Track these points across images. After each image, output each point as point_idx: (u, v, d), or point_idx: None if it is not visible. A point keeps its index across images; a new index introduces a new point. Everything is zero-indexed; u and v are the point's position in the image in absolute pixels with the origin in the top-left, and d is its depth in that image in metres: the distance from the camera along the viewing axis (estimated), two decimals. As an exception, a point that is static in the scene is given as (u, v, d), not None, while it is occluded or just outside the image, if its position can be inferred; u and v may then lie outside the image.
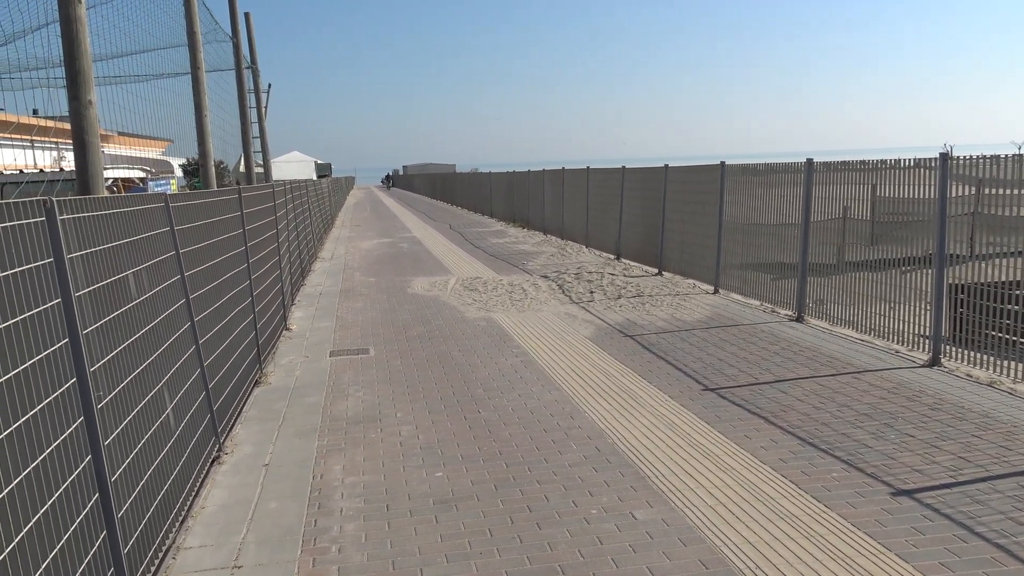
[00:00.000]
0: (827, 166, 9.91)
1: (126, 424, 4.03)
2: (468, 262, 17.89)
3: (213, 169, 9.19)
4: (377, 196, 69.52)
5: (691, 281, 13.72)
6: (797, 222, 10.46)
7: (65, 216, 3.58)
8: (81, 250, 3.73)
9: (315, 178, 46.51)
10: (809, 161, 10.29)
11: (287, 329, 10.74)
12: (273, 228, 10.48)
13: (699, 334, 9.71)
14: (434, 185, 57.70)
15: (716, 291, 12.66)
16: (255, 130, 15.59)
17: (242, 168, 19.46)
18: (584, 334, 9.93)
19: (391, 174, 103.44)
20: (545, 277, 14.87)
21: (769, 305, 11.29)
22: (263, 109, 16.08)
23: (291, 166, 51.67)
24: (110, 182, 23.15)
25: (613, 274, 14.80)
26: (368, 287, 14.47)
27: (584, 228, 19.87)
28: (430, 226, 30.10)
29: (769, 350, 8.81)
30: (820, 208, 10.02)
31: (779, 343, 9.14)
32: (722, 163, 12.56)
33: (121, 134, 7.59)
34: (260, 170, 16.81)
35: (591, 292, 12.96)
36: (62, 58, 5.00)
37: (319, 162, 60.47)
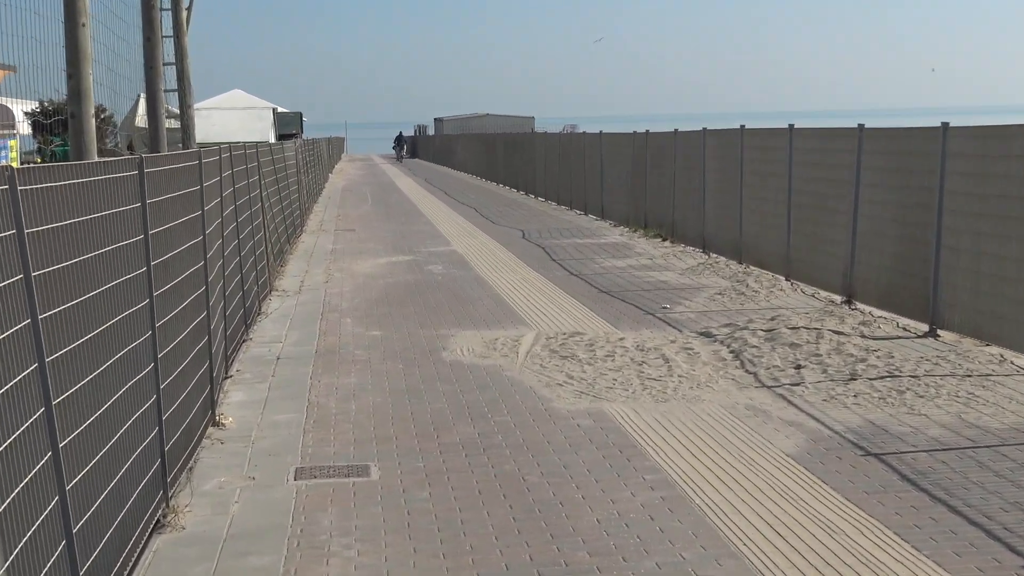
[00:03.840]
0: None
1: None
2: (558, 304, 17.86)
3: (92, 121, 9.40)
4: (384, 174, 70.37)
5: (995, 350, 13.43)
6: None
7: None
8: None
9: (273, 140, 47.45)
10: None
11: (216, 425, 10.84)
12: (197, 233, 10.59)
13: (1017, 456, 9.47)
14: (492, 155, 58.06)
15: (1048, 371, 12.34)
16: (168, 52, 15.99)
17: (140, 120, 19.91)
18: (784, 447, 9.81)
19: (404, 137, 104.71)
20: (707, 335, 14.76)
21: None
22: (184, 13, 16.52)
23: (229, 117, 52.79)
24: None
25: (839, 332, 14.56)
26: (368, 347, 14.57)
27: (783, 242, 19.67)
28: (484, 232, 30.29)
29: None
30: None
31: None
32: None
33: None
34: (175, 124, 17.18)
35: (797, 367, 12.79)
36: None
37: (281, 111, 61.68)
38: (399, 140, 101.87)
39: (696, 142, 24.84)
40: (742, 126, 22.12)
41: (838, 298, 17.37)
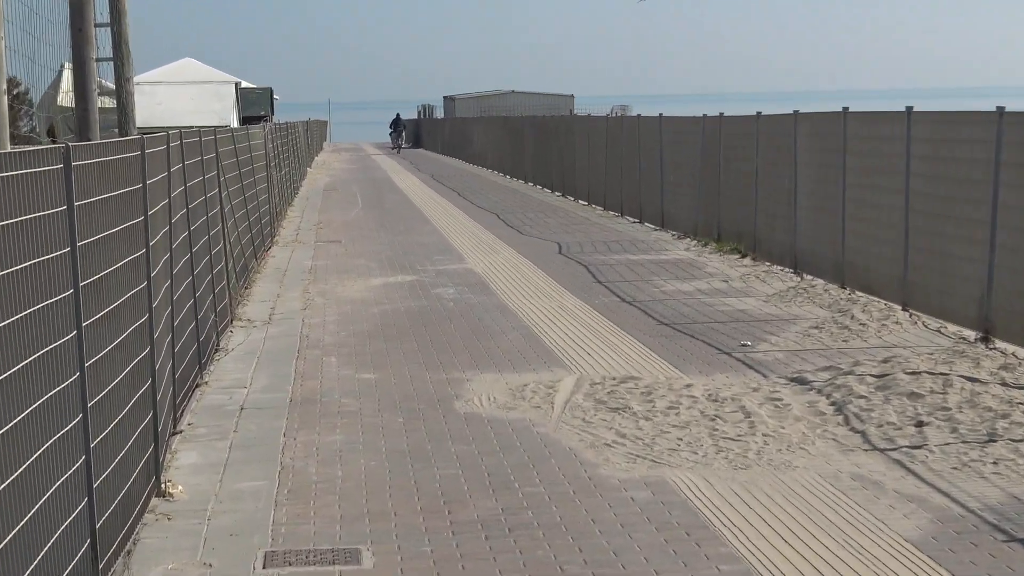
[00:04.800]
0: None
1: None
2: (605, 339, 17.94)
3: (4, 100, 9.39)
4: (377, 168, 70.97)
5: None
6: None
7: None
8: None
9: (235, 124, 47.51)
10: None
11: (162, 495, 10.84)
12: (139, 245, 10.63)
13: None
14: (519, 144, 58.48)
15: None
16: (101, 10, 15.97)
17: (64, 98, 19.86)
18: (902, 529, 9.76)
19: (403, 120, 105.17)
20: (800, 382, 14.78)
21: None
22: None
23: (179, 94, 52.95)
24: None
25: (973, 378, 14.48)
26: (359, 394, 14.66)
27: (899, 261, 19.64)
28: (509, 245, 30.55)
29: None
30: None
31: None
32: None
33: None
34: (109, 102, 17.21)
35: (918, 425, 12.73)
36: None
37: (245, 86, 61.94)
38: (396, 125, 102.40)
39: (785, 129, 24.91)
40: (845, 108, 22.09)
41: (971, 334, 17.33)
